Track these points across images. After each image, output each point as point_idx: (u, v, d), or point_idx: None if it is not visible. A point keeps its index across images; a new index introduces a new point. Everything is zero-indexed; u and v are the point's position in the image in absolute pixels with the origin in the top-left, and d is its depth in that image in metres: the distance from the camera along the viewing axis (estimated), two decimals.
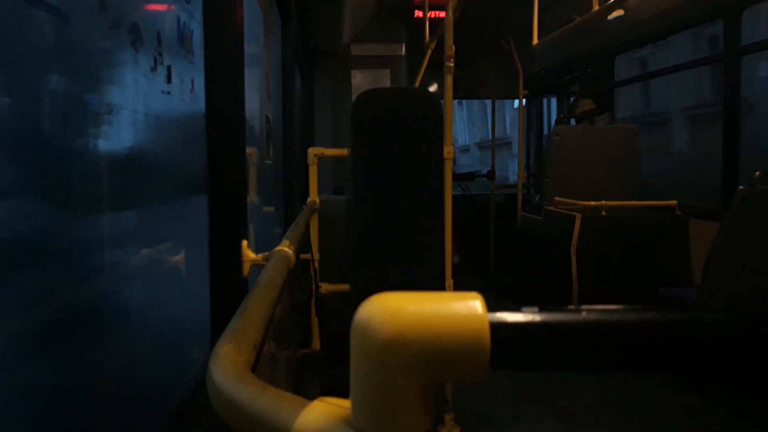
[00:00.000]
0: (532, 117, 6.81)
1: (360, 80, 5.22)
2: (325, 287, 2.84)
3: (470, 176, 6.49)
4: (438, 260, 2.63)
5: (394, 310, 0.34)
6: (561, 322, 0.35)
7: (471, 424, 2.64)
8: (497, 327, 0.34)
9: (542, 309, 0.35)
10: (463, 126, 19.01)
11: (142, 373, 0.99)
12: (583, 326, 0.34)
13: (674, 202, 3.84)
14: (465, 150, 18.76)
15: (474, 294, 0.35)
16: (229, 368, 0.52)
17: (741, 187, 2.67)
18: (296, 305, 2.75)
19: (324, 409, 0.37)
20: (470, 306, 0.34)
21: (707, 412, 2.72)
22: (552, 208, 4.21)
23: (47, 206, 0.70)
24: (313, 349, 2.91)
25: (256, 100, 2.13)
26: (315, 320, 2.96)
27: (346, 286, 2.81)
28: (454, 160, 3.03)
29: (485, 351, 0.33)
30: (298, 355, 2.86)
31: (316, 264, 2.84)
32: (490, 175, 5.89)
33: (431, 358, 0.33)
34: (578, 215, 3.70)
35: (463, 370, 0.34)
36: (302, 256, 2.62)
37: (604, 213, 3.78)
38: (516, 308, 0.35)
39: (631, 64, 7.42)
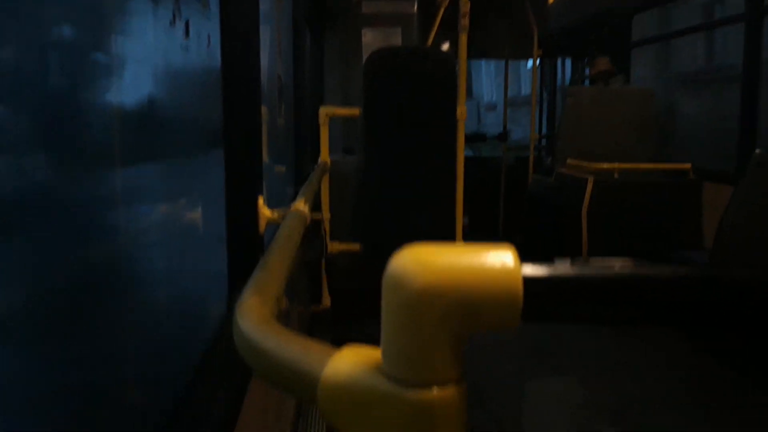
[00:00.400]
0: (546, 78, 6.70)
1: (370, 39, 5.13)
2: (336, 246, 2.86)
3: (482, 137, 6.46)
4: (448, 222, 2.63)
5: (427, 261, 0.34)
6: (594, 276, 0.35)
7: (477, 379, 2.68)
8: (529, 280, 0.34)
9: (574, 262, 0.35)
10: (490, 82, 18.05)
11: None
12: (617, 280, 0.34)
13: (688, 165, 3.79)
14: (492, 108, 17.62)
15: (507, 245, 0.35)
16: (255, 318, 0.53)
17: (758, 151, 2.63)
18: (307, 263, 2.77)
19: (354, 355, 0.37)
20: (503, 258, 0.34)
21: (717, 373, 2.74)
22: (564, 170, 4.17)
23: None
24: (324, 306, 2.94)
25: (267, 59, 2.11)
26: (325, 278, 2.99)
27: (356, 246, 2.83)
28: (479, 119, 3.00)
29: (518, 303, 0.33)
30: (310, 312, 2.90)
31: (327, 223, 2.86)
32: (502, 136, 5.84)
33: (464, 309, 0.33)
34: (590, 178, 3.67)
35: (496, 322, 0.34)
36: (313, 215, 2.63)
37: (616, 176, 3.75)
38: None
39: (693, 11, 6.61)
